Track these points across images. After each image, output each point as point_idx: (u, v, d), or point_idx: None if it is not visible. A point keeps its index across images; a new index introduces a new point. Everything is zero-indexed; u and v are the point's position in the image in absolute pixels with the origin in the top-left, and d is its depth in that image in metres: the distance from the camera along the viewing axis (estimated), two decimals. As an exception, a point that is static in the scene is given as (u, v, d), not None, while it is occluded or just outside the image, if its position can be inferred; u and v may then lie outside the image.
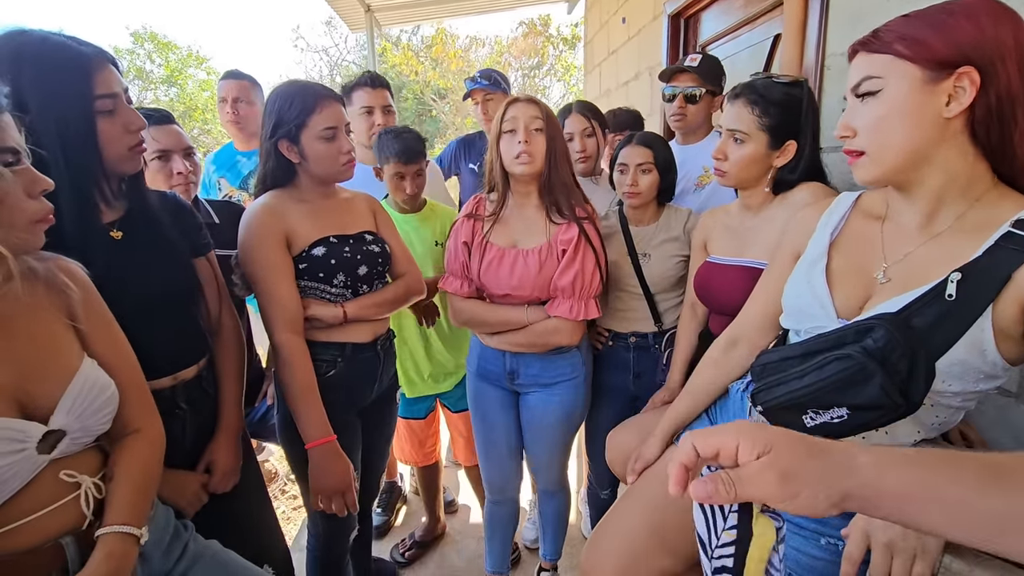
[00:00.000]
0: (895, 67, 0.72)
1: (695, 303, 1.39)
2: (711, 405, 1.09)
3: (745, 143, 1.16)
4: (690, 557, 1.00)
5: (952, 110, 0.70)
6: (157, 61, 12.32)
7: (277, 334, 1.18)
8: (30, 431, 0.71)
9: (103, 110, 0.90)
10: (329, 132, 1.18)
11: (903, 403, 0.69)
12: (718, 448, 0.50)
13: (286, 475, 2.57)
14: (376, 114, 1.86)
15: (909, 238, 0.80)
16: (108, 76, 0.91)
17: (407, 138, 1.58)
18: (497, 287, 1.36)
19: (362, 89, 1.87)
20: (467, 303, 1.42)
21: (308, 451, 1.16)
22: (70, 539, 0.76)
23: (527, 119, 1.29)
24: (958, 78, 0.68)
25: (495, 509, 1.65)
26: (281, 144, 1.19)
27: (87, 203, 0.92)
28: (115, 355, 0.85)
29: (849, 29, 1.49)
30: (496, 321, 1.41)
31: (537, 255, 1.34)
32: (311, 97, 1.17)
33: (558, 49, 13.99)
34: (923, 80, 0.70)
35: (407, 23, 7.98)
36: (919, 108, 0.71)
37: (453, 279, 1.43)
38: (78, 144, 0.88)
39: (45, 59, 0.86)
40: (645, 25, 2.96)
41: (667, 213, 1.53)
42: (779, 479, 0.47)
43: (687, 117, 1.76)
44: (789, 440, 0.49)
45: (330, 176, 1.24)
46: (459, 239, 1.40)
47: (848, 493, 0.47)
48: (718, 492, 0.47)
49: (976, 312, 0.69)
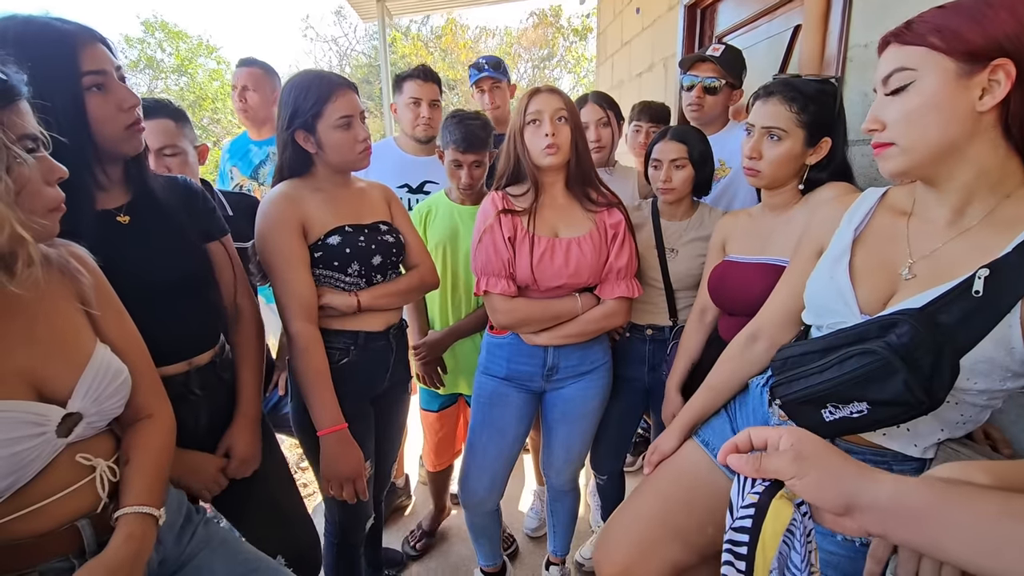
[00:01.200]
0: (928, 59, 0.70)
1: (705, 309, 1.37)
2: (730, 400, 1.08)
3: (782, 140, 1.14)
4: (702, 549, 1.00)
5: (986, 104, 0.68)
6: (168, 50, 12.34)
7: (292, 323, 1.18)
8: (50, 414, 0.72)
9: (92, 85, 0.87)
10: (344, 120, 1.18)
11: (926, 400, 0.68)
12: (766, 439, 0.59)
13: (297, 463, 2.59)
14: (423, 107, 1.88)
15: (936, 234, 0.78)
16: (96, 52, 0.88)
17: (472, 125, 1.52)
18: (553, 278, 1.33)
19: (414, 80, 1.90)
20: (517, 302, 1.34)
21: (320, 438, 1.17)
22: (86, 522, 0.77)
23: (552, 110, 1.28)
24: (992, 71, 0.67)
25: (476, 519, 1.59)
26: (298, 135, 1.19)
27: (84, 188, 0.89)
28: (125, 341, 0.86)
29: (874, 20, 1.46)
30: (549, 316, 1.36)
31: (590, 240, 1.33)
32: (326, 87, 1.17)
33: (568, 40, 13.90)
34: (956, 73, 0.69)
35: (417, 12, 7.92)
36: (952, 101, 0.69)
37: (496, 280, 1.33)
38: (65, 124, 0.82)
39: (28, 39, 0.82)
40: (660, 15, 2.92)
41: (701, 211, 1.51)
42: (794, 457, 0.55)
43: (704, 108, 1.74)
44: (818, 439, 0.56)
45: (346, 164, 1.24)
46: (500, 236, 1.32)
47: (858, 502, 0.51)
48: (747, 463, 0.58)
49: (1004, 309, 0.68)
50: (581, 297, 1.36)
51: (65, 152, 0.81)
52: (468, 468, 1.50)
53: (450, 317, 1.69)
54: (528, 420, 1.49)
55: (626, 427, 1.64)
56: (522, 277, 1.33)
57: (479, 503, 1.52)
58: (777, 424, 0.93)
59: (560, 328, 1.37)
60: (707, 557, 1.01)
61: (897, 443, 0.81)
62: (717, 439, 1.05)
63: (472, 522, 1.60)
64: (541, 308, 1.35)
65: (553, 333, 1.37)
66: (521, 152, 1.33)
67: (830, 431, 0.79)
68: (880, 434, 0.82)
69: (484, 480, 1.49)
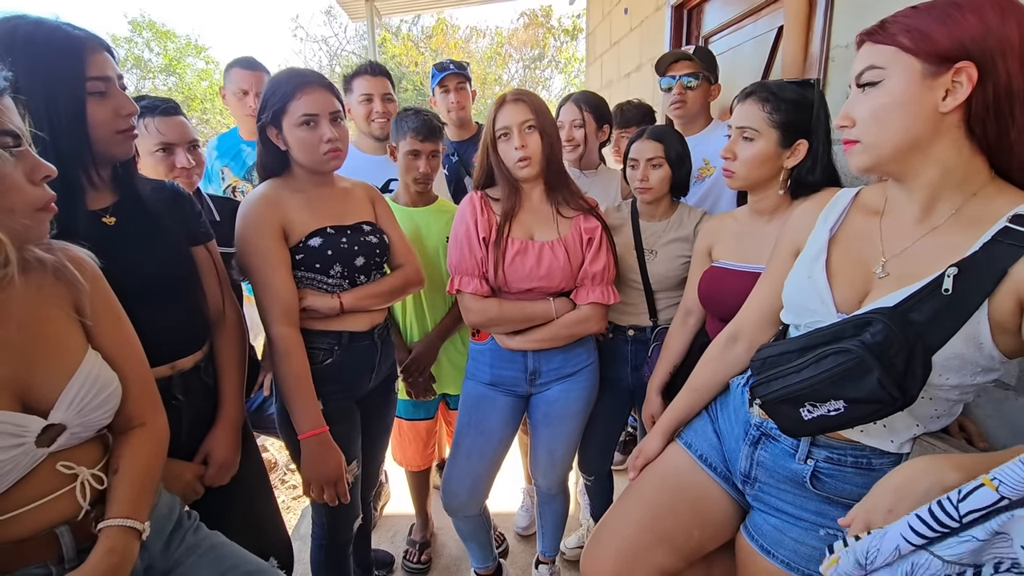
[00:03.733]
0: (898, 59, 0.72)
1: (689, 312, 1.37)
2: (711, 401, 1.09)
3: (755, 140, 1.15)
4: (689, 553, 1.00)
5: (948, 105, 0.70)
6: (155, 50, 12.22)
7: (273, 326, 1.18)
8: (29, 425, 0.71)
9: (94, 91, 0.90)
10: (307, 118, 1.16)
11: (900, 397, 0.69)
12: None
13: (286, 465, 2.58)
14: (376, 102, 1.85)
15: (907, 232, 0.79)
16: (101, 60, 0.91)
17: (427, 116, 1.54)
18: (524, 281, 1.33)
19: (362, 77, 1.87)
20: (488, 302, 1.35)
21: (301, 442, 1.17)
22: (65, 528, 0.75)
23: (518, 122, 1.29)
24: (956, 73, 0.68)
25: (461, 524, 1.57)
26: (268, 130, 1.19)
27: (73, 186, 0.91)
28: (121, 348, 0.84)
29: (855, 20, 1.47)
30: (521, 318, 1.36)
31: (563, 245, 1.34)
32: (292, 83, 1.16)
33: (559, 40, 13.91)
34: (922, 74, 0.70)
35: (407, 12, 7.91)
36: (916, 101, 0.71)
37: (469, 279, 1.35)
38: (65, 125, 0.87)
39: (38, 40, 0.85)
40: (648, 16, 2.94)
41: (680, 211, 1.51)
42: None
43: (687, 104, 1.77)
44: None
45: (311, 165, 1.22)
46: (475, 236, 1.33)
47: None
48: None
49: (973, 306, 0.69)
50: (555, 301, 1.36)
51: (62, 152, 0.85)
52: (450, 472, 1.50)
53: (427, 320, 1.67)
54: (514, 424, 1.49)
55: (611, 428, 1.64)
56: (498, 277, 1.33)
57: (460, 507, 1.50)
58: (758, 422, 0.94)
59: (533, 332, 1.37)
60: (693, 561, 1.01)
61: (874, 439, 0.82)
62: (699, 440, 1.06)
63: (458, 527, 1.59)
64: (513, 309, 1.36)
65: (526, 337, 1.37)
66: (496, 163, 1.34)
67: (809, 429, 0.80)
68: (858, 431, 0.83)
69: (466, 483, 1.47)
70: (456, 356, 1.73)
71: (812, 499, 0.89)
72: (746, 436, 0.97)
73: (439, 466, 2.31)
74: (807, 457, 0.88)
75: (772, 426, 0.92)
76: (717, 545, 1.02)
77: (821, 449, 0.87)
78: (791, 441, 0.89)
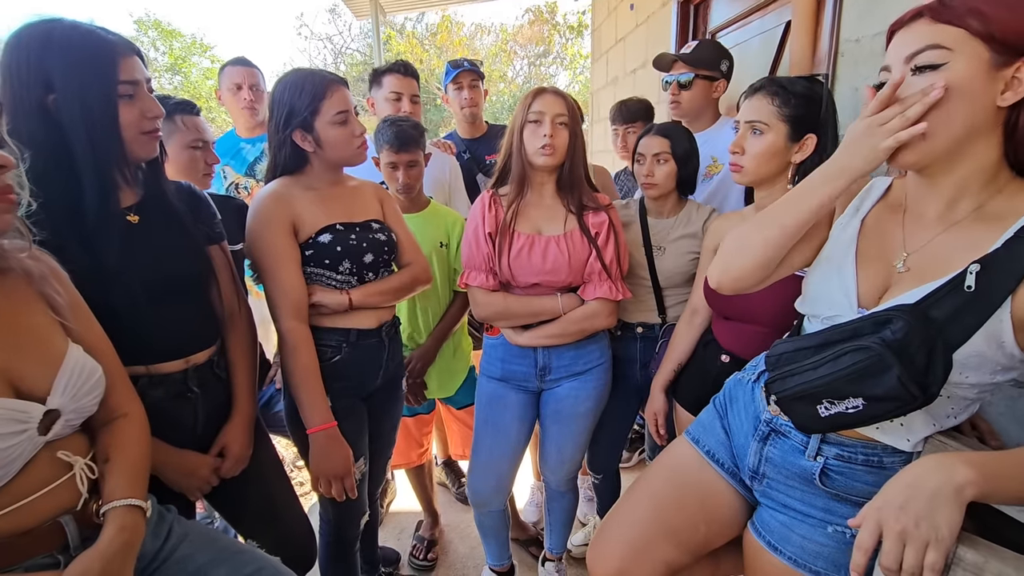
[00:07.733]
0: (966, 44, 0.67)
1: (696, 311, 1.37)
2: (720, 399, 1.09)
3: (764, 134, 1.14)
4: (695, 548, 1.00)
5: (1007, 99, 0.67)
6: (161, 49, 12.25)
7: (282, 321, 1.18)
8: (32, 411, 0.73)
9: (124, 94, 0.94)
10: (341, 116, 1.19)
11: (920, 395, 0.68)
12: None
13: (292, 461, 2.58)
14: (404, 101, 1.87)
15: (927, 227, 0.78)
16: (132, 64, 0.95)
17: (402, 126, 1.55)
18: (529, 275, 1.34)
19: (393, 75, 1.88)
20: (495, 296, 1.37)
21: (309, 436, 1.17)
22: (69, 518, 0.77)
23: (553, 113, 1.29)
24: (1019, 69, 0.66)
25: (483, 519, 1.60)
26: (296, 134, 1.19)
27: (110, 185, 0.95)
28: (98, 343, 0.87)
29: (864, 15, 1.46)
30: (528, 312, 1.37)
31: (569, 240, 1.34)
32: (320, 84, 1.18)
33: (564, 37, 13.87)
34: (990, 63, 0.66)
35: (412, 10, 7.91)
36: (982, 92, 0.67)
37: (477, 273, 1.37)
38: (102, 127, 0.91)
39: (74, 44, 0.89)
40: (654, 12, 2.92)
41: (688, 208, 1.51)
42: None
43: (682, 104, 1.77)
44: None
45: (345, 159, 1.25)
46: (482, 231, 1.35)
47: None
48: None
49: (995, 304, 0.68)
50: (562, 297, 1.36)
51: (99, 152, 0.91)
52: (473, 468, 1.53)
53: (420, 324, 1.68)
54: (530, 420, 1.50)
55: (620, 426, 1.64)
56: (505, 271, 1.34)
57: (484, 502, 1.54)
58: (768, 418, 0.93)
59: (541, 328, 1.38)
60: (700, 556, 1.01)
61: (890, 437, 0.81)
62: (707, 436, 1.06)
63: (480, 521, 1.61)
64: (520, 304, 1.37)
65: (535, 333, 1.38)
66: (517, 148, 1.34)
67: (825, 426, 0.79)
68: (874, 428, 0.82)
69: (490, 480, 1.51)
70: (442, 361, 1.75)
71: (820, 496, 0.88)
72: (755, 432, 0.96)
73: (445, 463, 2.33)
74: (817, 454, 0.87)
75: (782, 422, 0.91)
76: (724, 541, 1.02)
77: (831, 446, 0.86)
78: (801, 437, 0.89)
